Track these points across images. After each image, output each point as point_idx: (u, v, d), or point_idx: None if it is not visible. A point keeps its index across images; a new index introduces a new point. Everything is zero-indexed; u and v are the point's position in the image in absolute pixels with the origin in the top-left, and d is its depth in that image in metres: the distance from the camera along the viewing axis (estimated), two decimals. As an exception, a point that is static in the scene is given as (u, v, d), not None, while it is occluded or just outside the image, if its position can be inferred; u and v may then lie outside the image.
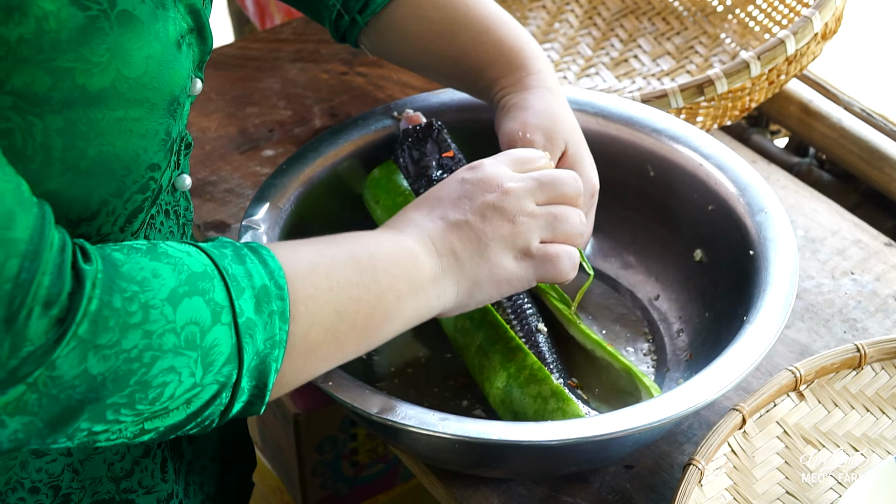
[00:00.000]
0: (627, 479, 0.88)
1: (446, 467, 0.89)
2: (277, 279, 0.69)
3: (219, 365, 0.66)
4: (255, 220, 0.92)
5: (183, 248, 0.67)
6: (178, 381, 0.65)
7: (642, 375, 0.89)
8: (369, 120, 1.03)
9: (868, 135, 1.19)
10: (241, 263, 0.68)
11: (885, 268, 1.06)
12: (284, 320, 0.69)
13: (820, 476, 0.83)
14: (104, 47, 0.65)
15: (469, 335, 0.91)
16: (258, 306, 0.67)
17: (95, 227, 0.70)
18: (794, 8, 1.23)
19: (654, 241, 1.03)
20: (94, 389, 0.62)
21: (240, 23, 1.96)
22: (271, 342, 0.68)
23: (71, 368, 0.61)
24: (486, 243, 0.80)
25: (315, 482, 1.41)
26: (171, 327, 0.64)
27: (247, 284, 0.67)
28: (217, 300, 0.66)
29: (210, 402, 0.67)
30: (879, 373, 0.89)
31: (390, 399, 0.80)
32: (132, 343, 0.62)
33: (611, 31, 1.33)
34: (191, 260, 0.66)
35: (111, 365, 0.62)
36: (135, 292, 0.63)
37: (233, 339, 0.66)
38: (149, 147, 0.70)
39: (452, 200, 0.81)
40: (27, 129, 0.63)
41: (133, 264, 0.64)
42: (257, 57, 1.33)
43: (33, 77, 0.62)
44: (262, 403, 0.70)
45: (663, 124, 1.01)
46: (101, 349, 0.61)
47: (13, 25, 0.61)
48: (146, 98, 0.68)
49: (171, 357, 0.64)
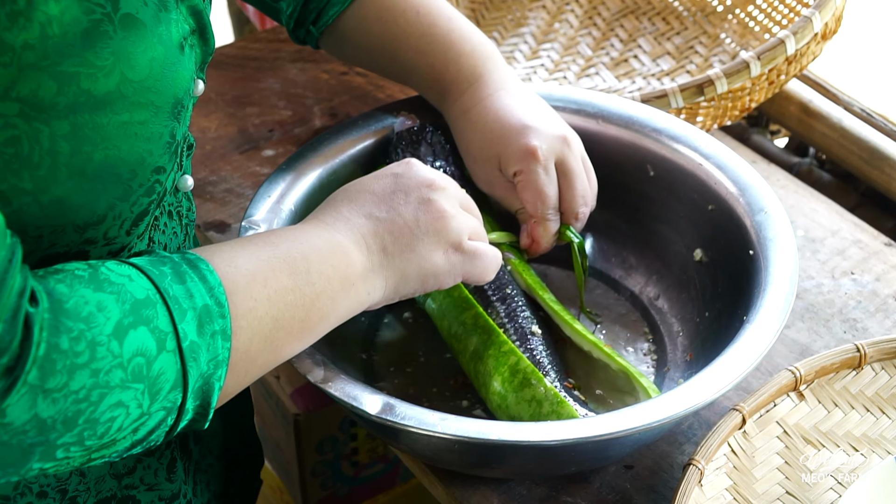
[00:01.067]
0: (627, 479, 0.88)
1: (446, 467, 0.89)
2: (218, 296, 0.69)
3: (165, 392, 0.66)
4: (254, 220, 0.92)
5: (124, 270, 0.66)
6: (125, 414, 0.65)
7: (640, 376, 0.89)
8: (369, 120, 1.03)
9: (868, 135, 1.19)
10: (181, 283, 0.68)
11: (885, 268, 1.06)
12: (226, 338, 0.69)
13: (820, 476, 0.83)
14: (108, 51, 0.64)
15: (462, 341, 0.91)
16: (200, 328, 0.67)
17: (102, 231, 0.70)
18: (794, 8, 1.23)
19: (654, 241, 1.03)
20: (44, 432, 0.61)
21: (240, 23, 1.96)
22: (214, 362, 0.68)
23: (21, 414, 0.60)
24: (418, 237, 0.81)
25: (315, 482, 1.41)
26: (118, 362, 0.63)
27: (188, 306, 0.67)
28: (161, 327, 0.65)
29: (156, 428, 0.67)
30: (879, 373, 0.89)
31: (390, 399, 0.80)
32: (80, 384, 0.62)
33: (611, 31, 1.33)
34: (133, 286, 0.66)
35: (60, 407, 0.61)
36: (81, 331, 0.62)
37: (177, 364, 0.66)
38: (154, 150, 0.70)
39: (385, 196, 0.82)
40: (34, 136, 0.63)
41: (77, 299, 0.63)
42: (257, 57, 1.33)
43: (39, 83, 0.62)
44: (205, 420, 0.71)
45: (663, 124, 1.01)
46: (51, 393, 0.61)
47: (17, 31, 0.61)
48: (150, 101, 0.68)
49: (119, 392, 0.64)
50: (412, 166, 0.84)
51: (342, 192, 0.83)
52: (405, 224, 0.80)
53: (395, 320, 1.01)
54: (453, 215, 0.82)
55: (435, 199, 0.82)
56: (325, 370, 0.82)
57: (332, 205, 0.82)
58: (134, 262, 0.68)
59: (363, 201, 0.81)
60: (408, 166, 0.84)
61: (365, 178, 0.84)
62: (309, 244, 0.76)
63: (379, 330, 1.01)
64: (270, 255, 0.74)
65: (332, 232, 0.78)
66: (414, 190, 0.82)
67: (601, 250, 1.06)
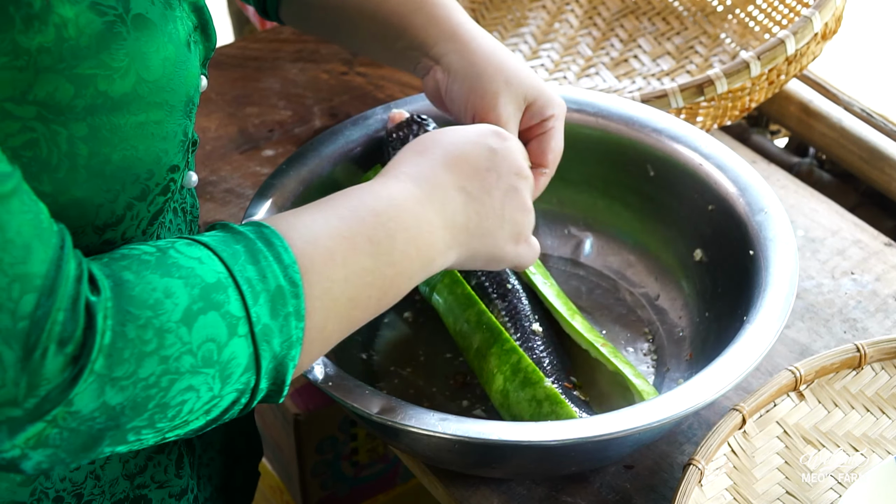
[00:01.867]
0: (627, 479, 0.88)
1: (446, 467, 0.89)
2: (292, 275, 0.68)
3: (237, 376, 0.66)
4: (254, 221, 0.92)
5: (194, 252, 0.66)
6: (196, 398, 0.64)
7: (636, 376, 0.89)
8: (369, 120, 1.03)
9: (868, 135, 1.19)
10: (254, 263, 0.67)
11: (885, 268, 1.06)
12: (300, 318, 0.68)
13: (820, 476, 0.83)
14: (123, 52, 0.65)
15: (467, 338, 0.91)
16: (273, 310, 0.66)
17: (120, 231, 0.70)
18: (794, 8, 1.23)
19: (654, 241, 1.03)
20: (113, 418, 0.62)
21: (240, 23, 1.96)
22: (288, 343, 0.68)
23: (89, 403, 0.60)
24: (501, 225, 0.81)
25: (315, 482, 1.41)
26: (188, 349, 0.63)
27: (261, 288, 0.66)
28: (232, 312, 0.65)
29: (229, 408, 0.67)
30: (879, 373, 0.89)
31: (390, 399, 0.80)
32: (149, 371, 0.62)
33: (611, 31, 1.33)
34: (203, 269, 0.65)
35: (129, 394, 0.61)
36: (148, 318, 0.62)
37: (250, 348, 0.66)
38: (169, 149, 0.70)
39: (480, 170, 0.80)
40: (52, 139, 0.63)
41: (144, 285, 0.63)
42: (257, 57, 1.33)
43: (56, 86, 0.62)
44: (280, 395, 0.70)
45: (663, 124, 1.01)
46: (118, 381, 0.61)
47: (33, 34, 0.61)
48: (165, 101, 0.68)
49: (189, 377, 0.63)
50: (507, 141, 0.83)
51: (439, 147, 0.81)
52: (492, 208, 0.80)
53: (396, 320, 1.01)
54: (530, 209, 0.83)
55: (521, 190, 0.82)
56: (325, 370, 0.82)
57: (430, 163, 0.80)
58: (206, 242, 0.67)
59: (459, 170, 0.80)
60: (503, 141, 0.82)
61: (460, 138, 0.82)
62: (398, 222, 0.75)
63: (379, 330, 1.01)
64: (354, 232, 0.72)
65: (426, 206, 0.77)
66: (506, 175, 0.81)
67: (602, 250, 1.06)
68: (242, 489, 0.99)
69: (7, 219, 0.57)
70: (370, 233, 0.73)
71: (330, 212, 0.74)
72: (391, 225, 0.74)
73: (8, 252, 0.57)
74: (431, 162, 0.80)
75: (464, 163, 0.80)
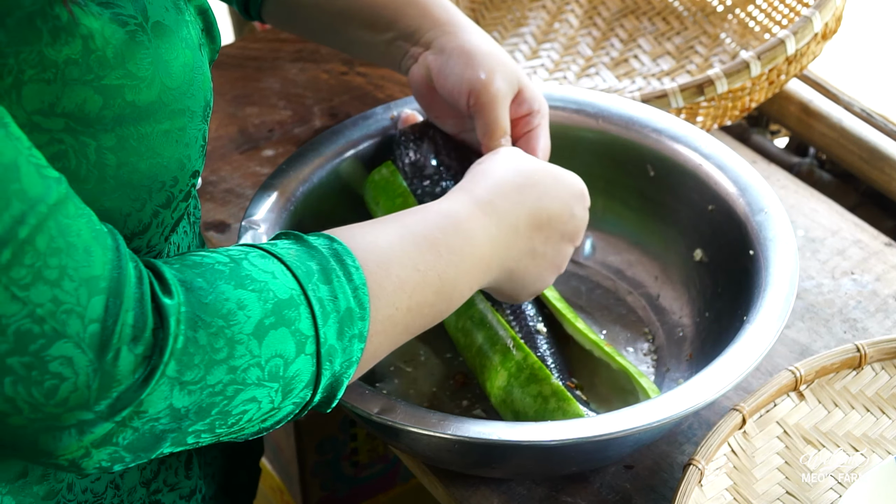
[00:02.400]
0: (627, 479, 0.88)
1: (446, 467, 0.89)
2: (361, 297, 0.68)
3: (297, 391, 0.67)
4: (254, 221, 0.92)
5: (268, 266, 0.66)
6: (257, 408, 0.65)
7: (640, 375, 0.89)
8: (369, 120, 1.03)
9: (868, 135, 1.19)
10: (327, 283, 0.67)
11: (885, 268, 1.06)
12: (362, 340, 0.69)
13: (820, 476, 0.83)
14: (148, 61, 0.65)
15: (470, 336, 0.91)
16: (340, 332, 0.67)
17: (146, 239, 0.70)
18: (794, 8, 1.23)
19: (654, 241, 1.03)
20: (177, 420, 0.62)
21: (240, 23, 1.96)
22: (347, 363, 0.69)
23: (157, 404, 0.61)
24: (534, 277, 0.84)
25: (315, 482, 1.41)
26: (256, 361, 0.63)
27: (332, 309, 0.67)
28: (302, 330, 0.65)
29: (283, 419, 0.68)
30: (879, 373, 0.89)
31: (390, 399, 0.80)
32: (217, 378, 0.62)
33: (611, 31, 1.33)
34: (276, 284, 0.65)
35: (195, 399, 0.62)
36: (220, 327, 0.62)
37: (314, 366, 0.66)
38: (192, 155, 0.70)
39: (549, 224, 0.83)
40: (81, 150, 0.63)
41: (217, 295, 0.63)
42: (257, 57, 1.33)
43: (84, 97, 0.62)
44: (328, 407, 0.71)
45: (663, 124, 1.01)
46: (187, 385, 0.61)
47: (60, 46, 0.61)
48: (187, 107, 0.68)
49: (254, 389, 0.64)
50: (586, 209, 0.86)
51: (536, 192, 0.82)
52: (538, 264, 0.83)
53: (395, 320, 1.01)
54: (562, 268, 0.86)
55: (565, 256, 0.86)
56: (325, 370, 0.82)
57: (521, 209, 0.81)
58: (280, 255, 0.67)
59: (539, 232, 0.82)
60: (584, 209, 0.86)
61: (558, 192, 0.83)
62: (468, 264, 0.76)
63: (379, 330, 1.00)
64: (428, 267, 0.73)
65: (494, 247, 0.79)
66: (567, 238, 0.85)
67: (601, 250, 1.06)
68: (245, 486, 0.99)
69: (67, 223, 0.58)
70: (442, 271, 0.74)
71: (408, 236, 0.74)
72: (462, 266, 0.76)
73: (72, 257, 0.57)
74: (522, 208, 0.81)
75: (547, 226, 0.83)
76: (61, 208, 0.58)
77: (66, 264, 0.57)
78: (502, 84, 0.89)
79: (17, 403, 0.58)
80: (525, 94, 0.92)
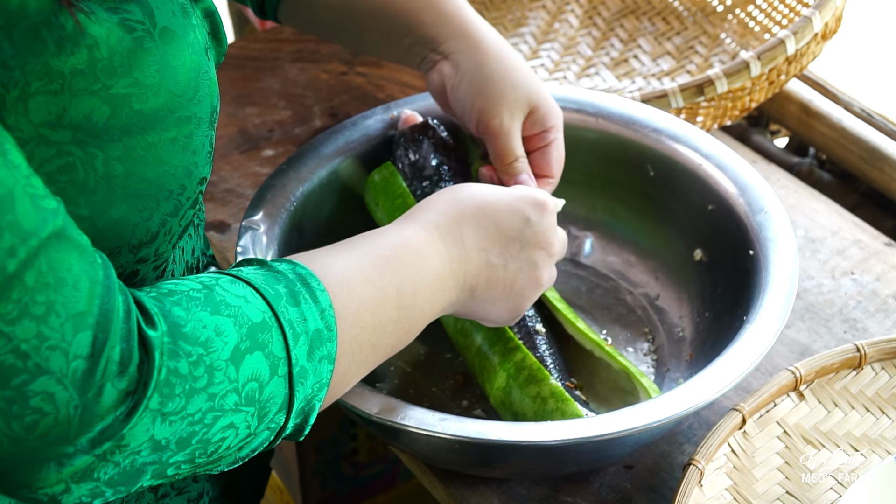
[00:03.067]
0: (627, 479, 0.88)
1: (446, 467, 0.89)
2: (328, 319, 0.69)
3: (272, 415, 0.67)
4: (255, 221, 0.92)
5: (239, 290, 0.66)
6: (234, 435, 0.65)
7: (641, 375, 0.89)
8: (369, 120, 1.03)
9: (868, 135, 1.19)
10: (295, 305, 0.67)
11: (885, 268, 1.06)
12: (331, 361, 0.69)
13: (820, 476, 0.83)
14: (154, 69, 0.64)
15: (468, 336, 0.91)
16: (310, 353, 0.67)
17: (154, 248, 0.70)
18: (794, 8, 1.23)
19: (654, 241, 1.03)
20: (158, 452, 0.62)
21: (240, 23, 1.96)
22: (318, 385, 0.69)
23: (139, 436, 0.60)
24: (506, 296, 0.82)
25: (315, 482, 1.41)
26: (234, 387, 0.63)
27: (301, 330, 0.67)
28: (275, 352, 0.65)
29: (259, 447, 0.68)
30: (879, 373, 0.89)
31: (390, 399, 0.80)
32: (196, 407, 0.62)
33: (611, 31, 1.33)
34: (249, 308, 0.65)
35: (176, 429, 0.62)
36: (200, 355, 0.62)
37: (286, 388, 0.66)
38: (199, 162, 0.70)
39: (506, 239, 0.81)
40: (89, 162, 0.63)
41: (195, 323, 0.63)
42: (257, 57, 1.33)
43: (92, 108, 0.62)
44: (301, 434, 0.71)
45: (663, 124, 1.01)
46: (168, 416, 0.61)
47: (66, 57, 0.60)
48: (194, 114, 0.68)
49: (232, 415, 0.64)
50: (545, 216, 0.83)
51: (473, 207, 0.81)
52: (504, 278, 0.81)
53: (395, 320, 1.01)
54: (543, 285, 0.84)
55: (540, 267, 0.83)
56: (325, 370, 0.82)
57: (459, 220, 0.80)
58: (249, 280, 0.67)
59: (486, 234, 0.80)
60: (541, 215, 0.83)
61: (497, 199, 0.82)
62: (422, 278, 0.76)
63: (379, 330, 1.00)
64: (386, 283, 0.73)
65: (447, 264, 0.78)
66: (530, 248, 0.82)
67: (601, 250, 1.06)
68: (251, 487, 0.99)
69: (58, 257, 0.57)
70: (398, 286, 0.74)
71: (364, 257, 0.74)
72: (417, 280, 0.75)
73: (60, 292, 0.57)
74: (461, 217, 0.80)
75: (492, 226, 0.81)
76: (54, 242, 0.57)
77: (53, 300, 0.56)
78: (509, 115, 0.91)
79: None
80: (539, 112, 0.92)
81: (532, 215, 0.82)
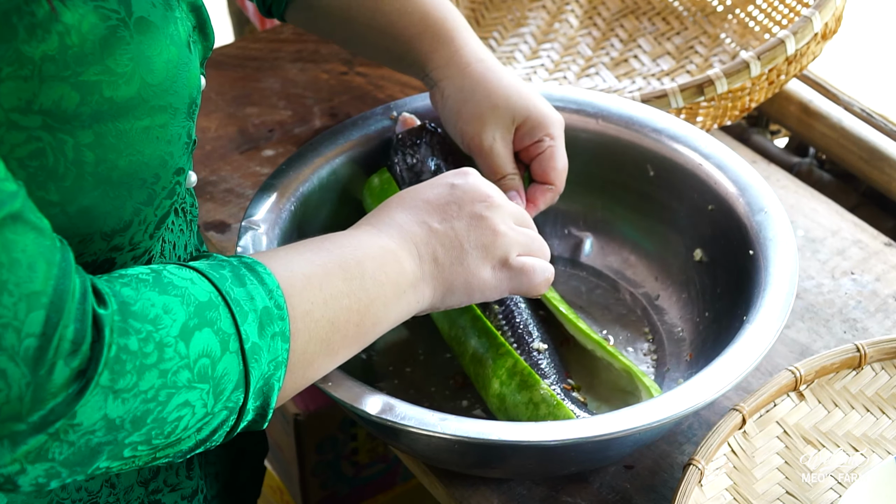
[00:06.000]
0: (627, 479, 0.88)
1: (446, 467, 0.89)
2: (277, 298, 0.69)
3: (228, 392, 0.67)
4: (254, 221, 0.92)
5: (185, 274, 0.67)
6: (191, 414, 0.65)
7: (642, 375, 0.89)
8: (369, 120, 1.03)
9: (868, 135, 1.19)
10: (241, 286, 0.68)
11: (885, 268, 1.06)
12: (285, 339, 0.70)
13: (820, 476, 0.83)
14: (127, 57, 0.65)
15: (462, 344, 0.91)
16: (261, 329, 0.68)
17: (128, 237, 0.70)
18: (794, 8, 1.23)
19: (654, 241, 1.03)
20: (112, 431, 0.62)
21: (240, 23, 1.96)
22: (275, 363, 0.69)
23: (91, 415, 0.61)
24: (468, 251, 0.81)
25: (315, 482, 1.41)
26: (185, 363, 0.64)
27: (249, 308, 0.68)
28: (224, 329, 0.66)
29: (218, 428, 0.68)
30: (879, 373, 0.89)
31: (390, 399, 0.80)
32: (149, 384, 0.63)
33: (611, 31, 1.33)
34: (195, 289, 0.66)
35: (129, 407, 0.62)
36: (149, 332, 0.63)
37: (240, 365, 0.67)
38: (174, 152, 0.70)
39: (440, 206, 0.82)
40: (58, 147, 0.63)
41: (144, 301, 0.64)
42: (257, 57, 1.33)
43: (61, 94, 0.62)
44: (265, 420, 0.71)
45: (663, 124, 1.01)
46: (121, 393, 0.62)
47: (36, 43, 0.61)
48: (169, 104, 0.68)
49: (186, 392, 0.64)
50: (469, 177, 0.84)
51: (397, 198, 0.83)
52: (456, 237, 0.81)
53: (395, 320, 1.01)
54: (504, 232, 0.82)
55: (487, 216, 0.82)
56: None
57: (386, 211, 0.82)
58: (194, 266, 0.69)
59: (417, 209, 0.82)
60: (465, 177, 0.84)
61: (420, 186, 0.84)
62: (362, 250, 0.77)
63: (379, 330, 1.00)
64: (325, 260, 0.75)
65: (386, 239, 0.79)
66: (468, 203, 0.82)
67: (601, 250, 1.06)
68: (248, 486, 0.99)
69: (13, 239, 0.58)
70: (339, 260, 0.75)
71: (302, 248, 0.76)
72: (357, 253, 0.76)
73: (13, 272, 0.58)
74: (388, 211, 0.82)
75: (421, 202, 0.82)
76: (9, 223, 0.58)
77: (6, 279, 0.57)
78: (491, 134, 0.93)
79: None
80: (528, 124, 0.94)
81: (455, 180, 0.84)
